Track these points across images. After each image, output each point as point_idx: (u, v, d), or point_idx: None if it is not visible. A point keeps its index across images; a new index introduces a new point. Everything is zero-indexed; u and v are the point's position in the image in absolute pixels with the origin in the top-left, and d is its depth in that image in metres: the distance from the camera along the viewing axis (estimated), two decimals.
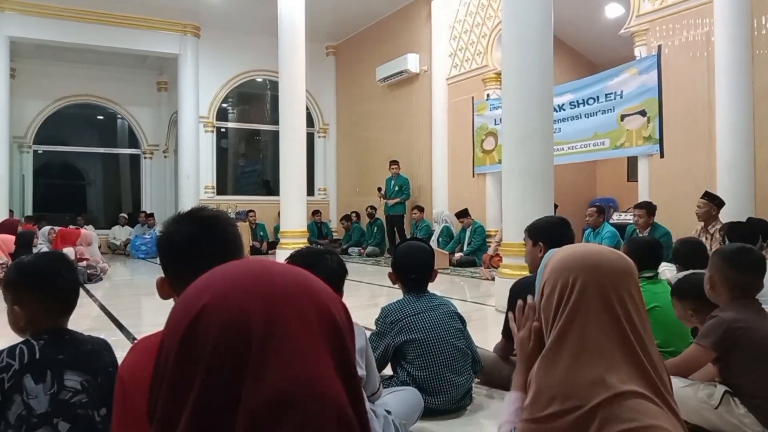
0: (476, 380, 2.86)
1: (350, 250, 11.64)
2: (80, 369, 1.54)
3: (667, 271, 5.78)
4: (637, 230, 6.18)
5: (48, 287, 1.61)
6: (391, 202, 10.74)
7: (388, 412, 2.15)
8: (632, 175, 8.64)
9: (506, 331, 2.86)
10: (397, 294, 2.77)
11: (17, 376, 1.46)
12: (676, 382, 2.34)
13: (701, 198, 5.99)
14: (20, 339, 1.57)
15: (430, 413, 2.44)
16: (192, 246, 1.38)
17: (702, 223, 5.97)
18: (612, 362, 1.24)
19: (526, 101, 4.98)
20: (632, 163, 8.67)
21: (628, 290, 1.29)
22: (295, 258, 2.11)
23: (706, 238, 5.79)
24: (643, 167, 7.46)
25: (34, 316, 1.59)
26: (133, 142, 14.56)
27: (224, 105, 13.53)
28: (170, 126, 13.91)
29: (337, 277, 2.06)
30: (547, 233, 2.74)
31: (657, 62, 7.09)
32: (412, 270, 2.66)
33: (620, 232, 6.83)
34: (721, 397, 2.22)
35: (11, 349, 1.52)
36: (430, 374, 2.49)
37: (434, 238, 9.88)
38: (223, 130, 13.70)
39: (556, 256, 1.38)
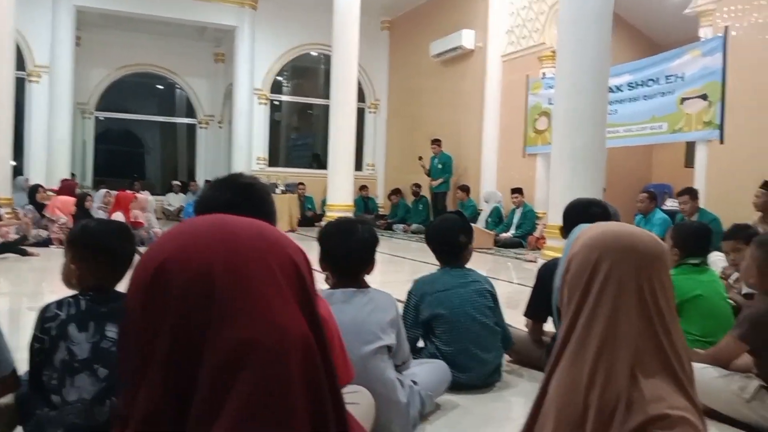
0: (508, 358, 2.86)
1: (395, 226, 11.68)
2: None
3: (719, 260, 5.61)
4: (685, 217, 6.01)
5: (105, 255, 1.71)
6: (434, 183, 10.70)
7: (415, 383, 2.19)
8: (690, 161, 8.34)
9: (531, 312, 2.84)
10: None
11: (63, 325, 1.57)
12: (712, 372, 2.31)
13: (760, 187, 5.75)
14: (69, 293, 1.67)
15: (457, 387, 2.47)
16: (229, 211, 1.44)
17: (760, 213, 5.74)
18: (638, 353, 1.22)
19: (581, 82, 4.87)
20: (690, 148, 8.37)
21: (659, 276, 1.26)
22: (329, 227, 2.15)
23: (763, 229, 5.57)
24: (702, 153, 7.19)
25: (85, 275, 1.69)
26: (190, 112, 14.93)
27: (279, 78, 13.67)
28: (225, 97, 14.18)
29: (368, 246, 2.10)
30: (568, 215, 2.72)
31: (722, 44, 6.78)
32: (440, 240, 2.68)
33: (672, 219, 6.63)
34: (755, 390, 2.17)
35: (60, 302, 1.63)
36: (457, 350, 2.50)
37: (482, 218, 9.81)
38: (276, 102, 13.87)
39: (587, 232, 1.35)
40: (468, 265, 2.73)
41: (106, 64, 13.41)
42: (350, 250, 2.08)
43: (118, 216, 8.14)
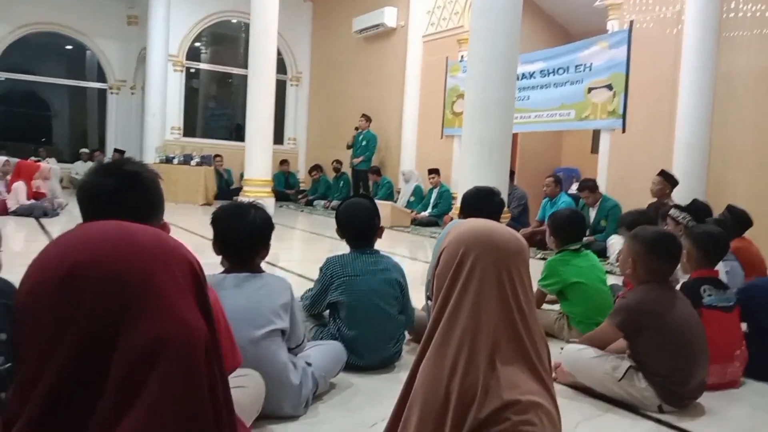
0: (408, 336, 2.93)
1: (315, 202, 11.65)
2: None
3: (616, 243, 5.98)
4: (587, 206, 6.38)
5: None
6: (356, 160, 10.73)
7: (309, 364, 2.24)
8: (595, 147, 8.77)
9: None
10: None
11: None
12: (589, 353, 2.48)
13: (657, 175, 6.14)
14: None
15: (357, 369, 2.54)
16: (111, 200, 1.40)
17: (654, 200, 6.13)
18: (497, 342, 1.31)
19: (490, 70, 4.99)
20: (596, 135, 8.79)
21: (518, 270, 1.36)
22: (221, 211, 2.14)
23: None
24: (605, 141, 7.58)
25: None
26: (101, 76, 14.18)
27: (196, 44, 13.20)
28: (138, 62, 13.55)
29: (261, 231, 2.10)
30: (463, 204, 2.85)
31: (627, 37, 7.11)
32: (351, 227, 2.70)
33: (576, 202, 6.97)
34: (625, 371, 2.35)
35: None
36: (358, 335, 2.55)
37: (403, 196, 9.93)
38: (192, 70, 13.39)
39: (457, 228, 1.44)
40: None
41: (7, 21, 12.48)
42: (242, 235, 2.08)
43: (19, 186, 7.70)
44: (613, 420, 2.24)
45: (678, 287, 2.67)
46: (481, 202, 2.93)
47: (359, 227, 2.70)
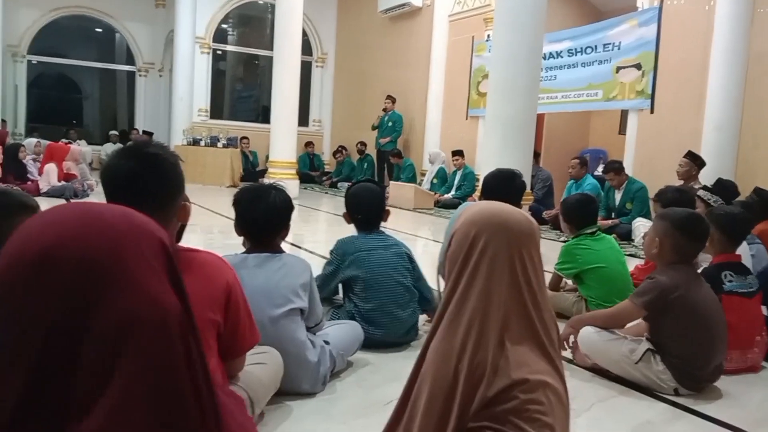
0: (426, 318, 2.97)
1: (339, 184, 11.69)
2: None
3: (641, 226, 5.92)
4: (613, 188, 6.33)
5: None
6: (384, 140, 10.71)
7: (327, 342, 2.29)
8: (623, 128, 8.62)
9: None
10: None
11: None
12: (605, 336, 2.48)
13: (684, 157, 6.04)
14: None
15: (373, 345, 2.59)
16: (131, 182, 1.45)
17: (682, 181, 6.04)
18: (506, 322, 1.33)
19: (515, 49, 4.95)
20: (624, 116, 8.64)
21: (529, 252, 1.37)
22: (242, 192, 2.19)
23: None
24: (633, 121, 7.45)
25: None
26: (130, 58, 14.35)
27: (223, 26, 13.26)
28: (166, 45, 13.68)
29: (281, 212, 2.15)
30: (484, 186, 2.88)
31: (658, 15, 6.96)
32: (359, 210, 2.78)
33: (602, 184, 6.89)
34: (643, 353, 2.35)
35: None
36: (375, 306, 2.62)
37: (427, 178, 9.92)
38: (219, 52, 13.47)
39: (470, 209, 1.46)
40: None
41: (38, 5, 12.68)
42: (262, 215, 2.13)
43: (51, 168, 7.89)
44: (628, 401, 2.25)
45: (699, 272, 2.65)
46: (501, 185, 2.94)
47: (367, 210, 2.79)
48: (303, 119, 12.49)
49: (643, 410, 2.18)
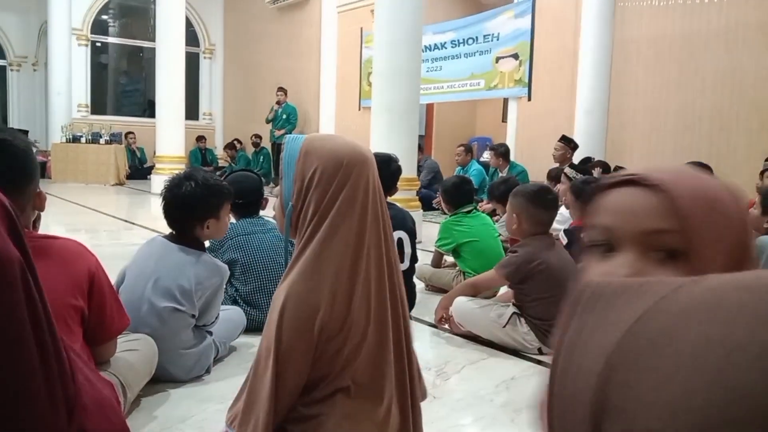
0: None
1: None
2: None
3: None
4: (498, 170, 6.65)
5: None
6: (278, 133, 10.61)
7: (210, 333, 2.29)
8: (505, 116, 9.06)
9: None
10: None
11: None
12: (474, 303, 2.65)
13: (558, 141, 6.44)
14: None
15: (258, 327, 2.60)
16: None
17: (558, 164, 6.44)
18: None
19: (396, 37, 5.07)
20: (506, 104, 9.08)
21: (375, 181, 1.37)
22: (169, 181, 2.23)
23: None
24: (513, 109, 7.85)
25: None
26: (1, 52, 13.30)
27: (103, 17, 12.58)
28: (40, 37, 12.79)
29: (192, 204, 2.16)
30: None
31: (532, 6, 7.36)
32: (240, 196, 2.78)
33: (486, 170, 7.23)
34: (509, 317, 2.53)
35: None
36: (254, 288, 2.68)
37: None
38: (99, 44, 12.77)
39: (317, 143, 1.41)
40: None
41: None
42: (177, 205, 2.16)
43: None
44: (497, 362, 2.42)
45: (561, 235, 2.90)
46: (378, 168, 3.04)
47: (249, 195, 2.84)
48: (192, 113, 12.13)
49: (509, 368, 2.36)
